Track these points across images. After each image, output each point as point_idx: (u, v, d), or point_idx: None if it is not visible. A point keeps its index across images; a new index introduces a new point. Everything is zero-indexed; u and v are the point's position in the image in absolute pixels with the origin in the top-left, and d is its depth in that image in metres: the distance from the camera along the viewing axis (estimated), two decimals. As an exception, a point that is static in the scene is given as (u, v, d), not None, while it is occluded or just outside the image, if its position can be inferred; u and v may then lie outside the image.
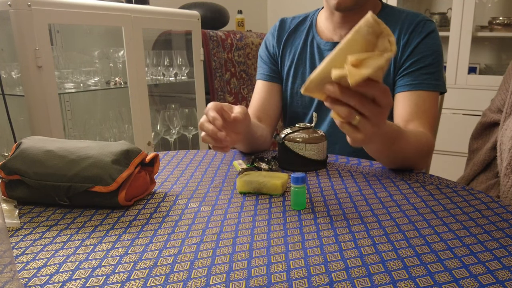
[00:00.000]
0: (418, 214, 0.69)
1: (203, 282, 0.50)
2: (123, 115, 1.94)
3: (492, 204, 0.72)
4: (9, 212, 0.69)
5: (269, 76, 1.19)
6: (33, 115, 1.48)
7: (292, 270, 0.53)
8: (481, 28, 2.62)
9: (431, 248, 0.58)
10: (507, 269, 0.52)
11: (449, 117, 2.49)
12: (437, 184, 0.82)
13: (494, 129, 1.15)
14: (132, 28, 1.75)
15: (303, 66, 1.15)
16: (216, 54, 2.23)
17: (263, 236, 0.62)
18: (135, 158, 0.74)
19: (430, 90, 1.00)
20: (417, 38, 1.02)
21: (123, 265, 0.55)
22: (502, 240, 0.60)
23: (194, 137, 2.18)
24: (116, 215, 0.70)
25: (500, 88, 1.14)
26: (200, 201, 0.75)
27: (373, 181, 0.84)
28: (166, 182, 0.86)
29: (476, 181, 1.15)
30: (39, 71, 1.45)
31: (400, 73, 1.03)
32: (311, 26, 1.16)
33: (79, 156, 0.72)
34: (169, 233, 0.63)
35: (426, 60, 1.01)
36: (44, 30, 1.45)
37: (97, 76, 1.80)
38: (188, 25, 2.06)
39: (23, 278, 0.52)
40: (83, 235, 0.63)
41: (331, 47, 1.11)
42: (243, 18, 2.74)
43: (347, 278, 0.51)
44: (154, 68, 2.04)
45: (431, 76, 1.01)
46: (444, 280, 0.50)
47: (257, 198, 0.76)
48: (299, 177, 0.70)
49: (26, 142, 0.76)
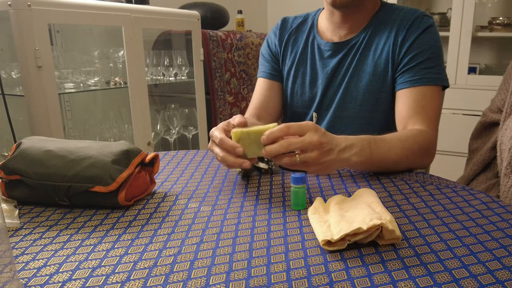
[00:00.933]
0: (418, 214, 0.69)
1: (203, 282, 0.50)
2: (123, 115, 1.94)
3: (492, 204, 0.72)
4: (9, 212, 0.69)
5: (270, 74, 1.19)
6: (33, 115, 1.48)
7: (292, 270, 0.53)
8: (481, 28, 2.62)
9: (431, 248, 0.58)
10: (507, 269, 0.52)
11: (449, 117, 2.49)
12: (437, 184, 0.82)
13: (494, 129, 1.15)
14: (132, 28, 1.75)
15: (304, 67, 1.15)
16: (216, 54, 2.23)
17: (263, 236, 0.62)
18: (135, 158, 0.74)
19: (430, 84, 0.99)
20: (414, 34, 1.02)
21: (123, 265, 0.55)
22: (502, 240, 0.60)
23: (194, 137, 2.18)
24: (116, 215, 0.70)
25: (500, 88, 1.14)
26: (200, 201, 0.75)
27: (373, 181, 0.84)
28: (166, 182, 0.86)
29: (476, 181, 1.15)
30: (39, 71, 1.45)
31: (400, 70, 1.03)
32: (312, 26, 1.16)
33: (79, 156, 0.72)
34: (169, 233, 0.63)
35: (425, 55, 1.01)
36: (44, 30, 1.45)
37: (97, 76, 1.80)
38: (188, 25, 2.06)
39: (23, 278, 0.52)
40: (83, 235, 0.63)
41: (331, 47, 1.11)
42: (243, 18, 2.74)
43: (347, 278, 0.51)
44: (154, 68, 2.04)
45: (431, 70, 1.00)
46: (444, 280, 0.50)
47: (257, 198, 0.76)
48: (299, 177, 0.70)
49: (26, 142, 0.76)
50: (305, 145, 0.70)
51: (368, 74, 1.06)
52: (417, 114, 0.97)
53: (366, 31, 1.08)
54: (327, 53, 1.11)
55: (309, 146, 0.71)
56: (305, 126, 0.71)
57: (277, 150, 0.70)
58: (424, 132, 0.94)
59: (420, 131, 0.94)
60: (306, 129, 0.71)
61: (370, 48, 1.07)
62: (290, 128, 0.70)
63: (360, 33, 1.08)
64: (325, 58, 1.12)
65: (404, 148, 0.88)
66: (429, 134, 0.95)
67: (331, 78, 1.11)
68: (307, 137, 0.70)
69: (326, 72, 1.11)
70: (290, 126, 0.71)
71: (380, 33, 1.06)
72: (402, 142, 0.89)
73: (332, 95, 1.12)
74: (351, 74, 1.08)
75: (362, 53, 1.07)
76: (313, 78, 1.13)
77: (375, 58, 1.06)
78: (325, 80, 1.11)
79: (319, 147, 0.71)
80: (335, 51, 1.10)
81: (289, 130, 0.70)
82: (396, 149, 0.86)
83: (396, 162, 0.88)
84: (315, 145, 0.71)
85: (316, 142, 0.71)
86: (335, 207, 0.65)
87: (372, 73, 1.06)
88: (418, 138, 0.92)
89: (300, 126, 0.71)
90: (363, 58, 1.07)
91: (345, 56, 1.09)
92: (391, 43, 1.04)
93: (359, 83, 1.08)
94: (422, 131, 0.94)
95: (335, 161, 0.76)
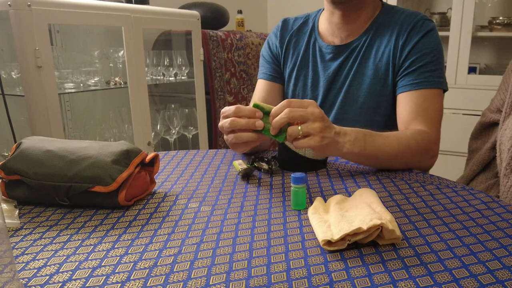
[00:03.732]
0: (418, 214, 0.69)
1: (203, 282, 0.50)
2: (123, 115, 1.94)
3: (492, 204, 0.72)
4: (9, 212, 0.69)
5: (271, 76, 1.19)
6: (33, 115, 1.48)
7: (292, 270, 0.53)
8: (481, 28, 2.62)
9: (431, 248, 0.58)
10: (507, 269, 0.52)
11: (449, 117, 2.49)
12: (437, 184, 0.82)
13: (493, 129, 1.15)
14: (132, 28, 1.75)
15: (305, 69, 1.15)
16: (216, 54, 2.23)
17: (263, 236, 0.62)
18: (135, 158, 0.74)
19: (431, 87, 0.99)
20: (415, 37, 1.02)
21: (123, 265, 0.55)
22: (502, 240, 0.60)
23: (194, 137, 2.18)
24: (116, 215, 0.70)
25: (500, 88, 1.14)
26: (200, 201, 0.75)
27: (373, 181, 0.84)
28: (166, 182, 0.86)
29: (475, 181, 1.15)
30: (39, 71, 1.45)
31: (401, 74, 1.03)
32: (313, 28, 1.16)
33: (79, 156, 0.72)
34: (169, 233, 0.63)
35: (426, 58, 1.01)
36: (44, 30, 1.45)
37: (97, 76, 1.80)
38: (188, 25, 2.06)
39: (23, 278, 0.52)
40: (83, 235, 0.63)
41: (332, 50, 1.10)
42: (243, 18, 2.74)
43: (347, 278, 0.51)
44: (154, 68, 2.04)
45: (432, 74, 1.00)
46: (444, 280, 0.50)
47: (257, 198, 0.76)
48: (299, 177, 0.70)
49: (26, 142, 0.76)
50: (307, 115, 0.73)
51: (369, 77, 1.06)
52: (419, 117, 0.97)
53: (367, 34, 1.07)
54: (328, 56, 1.11)
55: (311, 116, 0.73)
56: (306, 101, 0.76)
57: (281, 119, 0.73)
58: (424, 132, 0.94)
59: (419, 130, 0.94)
60: (307, 104, 0.75)
61: (371, 51, 1.07)
62: (292, 102, 0.74)
63: (361, 36, 1.08)
64: (326, 60, 1.12)
65: (401, 144, 0.88)
66: (429, 135, 0.95)
67: (332, 81, 1.11)
68: (309, 109, 0.74)
69: (327, 75, 1.11)
70: (292, 101, 0.75)
71: (381, 36, 1.06)
72: (399, 139, 0.89)
73: (333, 98, 1.12)
74: (352, 77, 1.08)
75: (363, 56, 1.07)
76: (315, 81, 1.13)
77: (376, 61, 1.06)
78: (326, 83, 1.11)
79: (321, 119, 0.74)
80: (336, 54, 1.10)
81: (291, 104, 0.74)
82: (391, 144, 0.87)
83: (391, 157, 0.88)
84: (317, 116, 0.74)
85: (318, 114, 0.74)
86: (335, 207, 0.65)
87: (373, 76, 1.06)
88: (416, 136, 0.92)
89: (301, 101, 0.75)
90: (364, 61, 1.07)
91: (346, 59, 1.09)
92: (392, 46, 1.04)
93: (360, 86, 1.07)
94: (422, 131, 0.94)
95: (332, 142, 0.78)
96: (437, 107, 1.00)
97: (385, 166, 0.90)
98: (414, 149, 0.90)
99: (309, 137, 0.74)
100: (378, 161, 0.88)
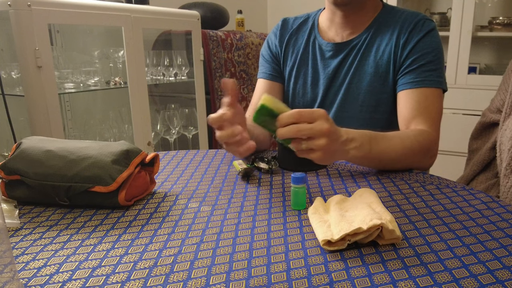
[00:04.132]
0: (418, 214, 0.69)
1: (203, 282, 0.50)
2: (123, 115, 1.94)
3: (492, 204, 0.72)
4: (9, 212, 0.69)
5: (271, 75, 1.19)
6: (33, 115, 1.48)
7: (292, 270, 0.53)
8: (481, 28, 2.62)
9: (431, 248, 0.58)
10: (507, 269, 0.52)
11: (449, 117, 2.49)
12: (437, 184, 0.82)
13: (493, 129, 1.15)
14: (132, 28, 1.75)
15: (305, 67, 1.15)
16: (216, 54, 2.23)
17: (263, 236, 0.62)
18: (135, 158, 0.74)
19: (432, 87, 0.99)
20: (416, 37, 1.02)
21: (123, 265, 0.55)
22: (502, 240, 0.60)
23: (194, 137, 2.18)
24: (116, 215, 0.70)
25: (500, 88, 1.14)
26: (200, 201, 0.75)
27: (373, 181, 0.84)
28: (166, 182, 0.86)
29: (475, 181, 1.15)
30: (39, 71, 1.45)
31: (401, 72, 1.03)
32: (313, 26, 1.16)
33: (79, 156, 0.72)
34: (169, 233, 0.63)
35: (427, 58, 1.01)
36: (44, 30, 1.45)
37: (97, 76, 1.80)
38: (188, 25, 2.06)
39: (23, 278, 0.52)
40: (83, 235, 0.63)
41: (332, 48, 1.10)
42: (243, 18, 2.74)
43: (347, 278, 0.51)
44: (154, 68, 2.04)
45: (432, 73, 1.00)
46: (444, 280, 0.50)
47: (257, 198, 0.76)
48: (299, 177, 0.70)
49: (26, 142, 0.76)
50: (314, 133, 0.71)
51: (369, 74, 1.06)
52: (420, 115, 0.97)
53: (368, 32, 1.08)
54: (328, 54, 1.11)
55: (318, 133, 0.72)
56: (316, 113, 0.72)
57: (287, 134, 0.72)
58: (426, 132, 0.95)
59: (421, 131, 0.94)
60: (317, 117, 0.72)
61: (372, 49, 1.07)
62: (302, 116, 0.71)
63: (362, 33, 1.08)
64: (326, 58, 1.12)
65: (405, 147, 0.88)
66: (431, 135, 0.95)
67: (332, 78, 1.11)
68: (317, 124, 0.71)
69: (327, 72, 1.11)
70: (302, 114, 0.72)
71: (382, 34, 1.06)
72: (403, 141, 0.89)
73: (334, 96, 1.12)
74: (352, 74, 1.08)
75: (364, 54, 1.07)
76: (315, 79, 1.13)
77: (376, 58, 1.06)
78: (326, 81, 1.11)
79: (327, 135, 0.72)
80: (336, 51, 1.10)
81: (300, 118, 0.71)
82: (396, 147, 0.87)
83: (395, 160, 0.88)
84: (324, 133, 0.72)
85: (325, 131, 0.71)
86: (335, 207, 0.65)
87: (374, 73, 1.06)
88: (419, 137, 0.92)
89: (312, 113, 0.72)
90: (365, 58, 1.07)
91: (347, 56, 1.09)
92: (393, 44, 1.04)
93: (360, 84, 1.08)
94: (424, 131, 0.94)
95: (337, 152, 0.77)
96: (438, 106, 1.00)
97: (387, 168, 0.90)
98: (416, 150, 0.91)
99: (312, 151, 0.73)
100: (381, 164, 0.89)
